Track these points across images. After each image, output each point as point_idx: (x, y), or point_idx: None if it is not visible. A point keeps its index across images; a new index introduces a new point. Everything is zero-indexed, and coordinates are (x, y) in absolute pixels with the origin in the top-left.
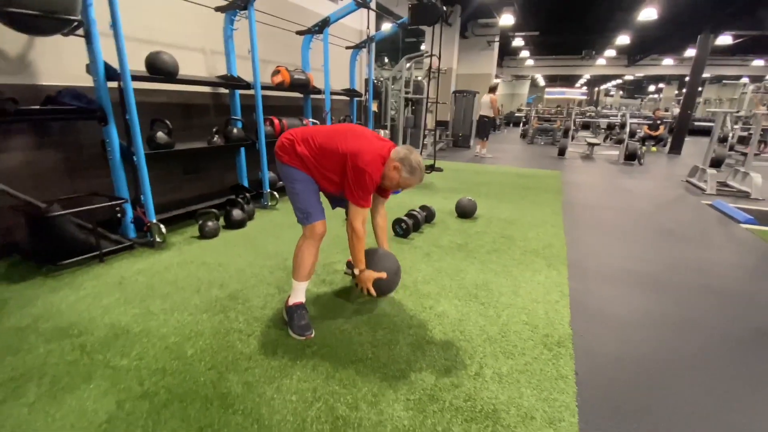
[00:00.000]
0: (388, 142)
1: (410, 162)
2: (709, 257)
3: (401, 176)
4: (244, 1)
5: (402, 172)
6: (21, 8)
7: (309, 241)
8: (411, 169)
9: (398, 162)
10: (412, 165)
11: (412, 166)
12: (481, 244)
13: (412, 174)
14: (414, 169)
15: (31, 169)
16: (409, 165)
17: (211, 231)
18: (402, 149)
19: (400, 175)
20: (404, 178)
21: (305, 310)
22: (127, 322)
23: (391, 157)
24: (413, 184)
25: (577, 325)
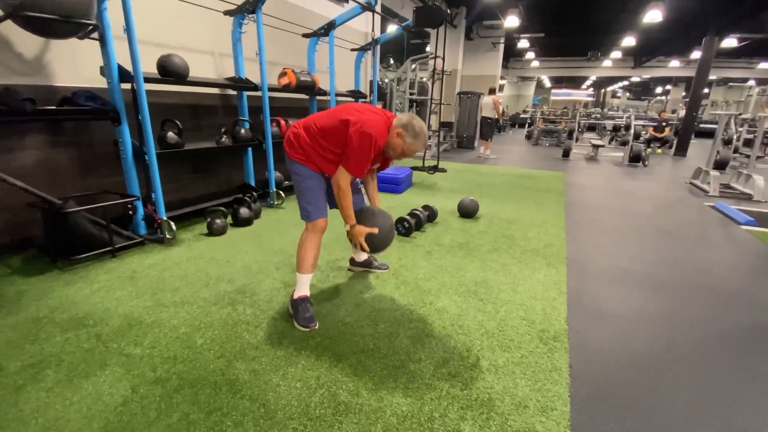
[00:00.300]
0: (389, 112)
1: (413, 127)
2: (708, 258)
3: (405, 142)
4: (253, 5)
5: (406, 138)
6: (37, 12)
7: (311, 235)
8: (415, 134)
9: (401, 128)
10: (416, 130)
11: (415, 131)
12: (482, 243)
13: (416, 138)
14: (418, 133)
15: (46, 167)
16: (412, 130)
17: (219, 228)
18: (404, 116)
19: (405, 141)
20: (408, 143)
21: (310, 303)
22: (139, 314)
23: (393, 125)
24: (418, 149)
25: (573, 322)
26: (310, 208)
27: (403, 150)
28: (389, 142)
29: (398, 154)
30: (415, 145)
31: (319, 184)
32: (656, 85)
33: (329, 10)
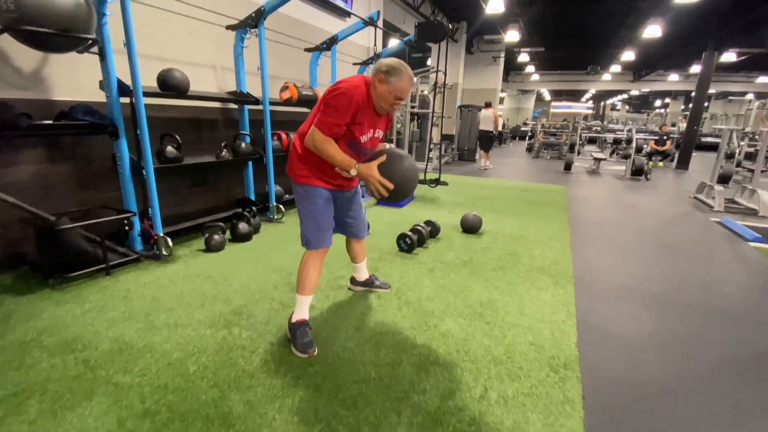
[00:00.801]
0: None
1: (392, 65)
2: (717, 276)
3: (390, 84)
4: (255, 20)
5: (390, 79)
6: (35, 26)
7: (313, 256)
8: (397, 71)
9: (381, 73)
10: (396, 67)
11: (393, 67)
12: (487, 260)
13: (400, 75)
14: (399, 70)
15: (42, 181)
16: (392, 69)
17: (217, 244)
18: (382, 61)
19: (390, 84)
20: (394, 84)
21: (308, 327)
22: (131, 337)
23: (372, 74)
24: (405, 86)
25: (583, 347)
26: (311, 236)
27: (392, 94)
28: (375, 94)
29: (390, 102)
30: (401, 83)
31: (325, 206)
32: (655, 98)
33: (331, 24)
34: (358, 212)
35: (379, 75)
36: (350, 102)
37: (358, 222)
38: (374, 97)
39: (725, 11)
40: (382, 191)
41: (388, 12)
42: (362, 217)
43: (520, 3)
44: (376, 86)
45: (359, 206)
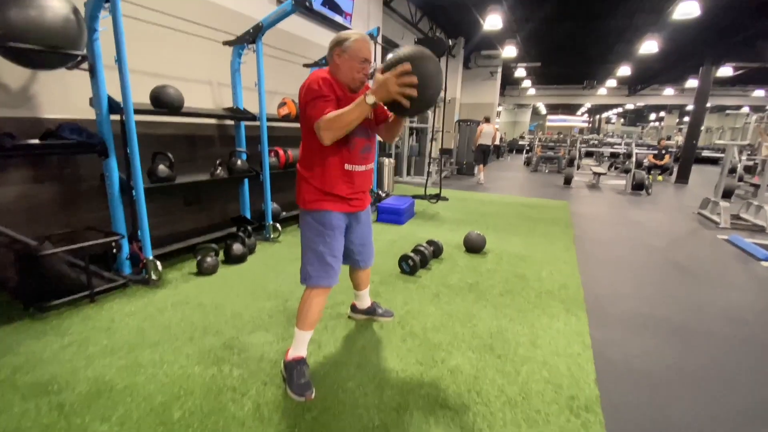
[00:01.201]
0: None
1: (336, 38)
2: (735, 301)
3: (348, 51)
4: (253, 35)
5: (344, 46)
6: (21, 43)
7: (315, 292)
8: (344, 38)
9: (336, 49)
10: (341, 36)
11: (341, 37)
12: (493, 284)
13: (350, 38)
14: (346, 35)
15: (26, 202)
16: (338, 39)
17: (209, 267)
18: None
19: (348, 51)
20: (350, 49)
21: (306, 366)
22: (111, 377)
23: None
24: (363, 45)
25: (604, 384)
26: (312, 272)
27: (355, 59)
28: (342, 71)
29: (357, 68)
30: (356, 44)
31: (334, 237)
32: (650, 111)
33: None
34: (368, 239)
35: (335, 50)
36: (320, 85)
37: (366, 250)
38: (342, 75)
39: (722, 27)
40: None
41: (387, 28)
42: (371, 243)
43: (518, 20)
44: (338, 63)
45: (370, 232)
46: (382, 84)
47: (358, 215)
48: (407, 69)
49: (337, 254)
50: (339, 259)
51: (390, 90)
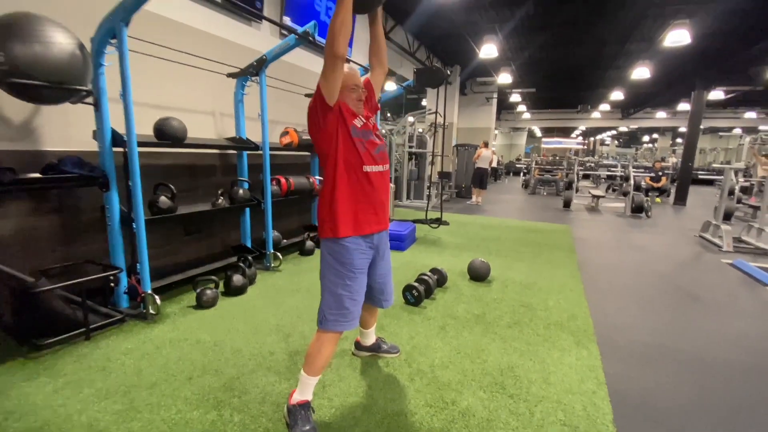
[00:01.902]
0: None
1: None
2: (748, 330)
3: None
4: (257, 68)
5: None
6: (26, 79)
7: (329, 335)
8: None
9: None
10: None
11: None
12: (500, 314)
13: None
14: None
15: (24, 236)
16: None
17: (209, 300)
18: None
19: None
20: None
21: (311, 411)
22: (105, 424)
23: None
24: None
25: (621, 424)
26: (328, 315)
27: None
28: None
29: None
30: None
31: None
32: (643, 134)
33: None
34: (390, 276)
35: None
36: None
37: (389, 288)
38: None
39: (712, 53)
40: None
41: None
42: (391, 281)
43: (513, 48)
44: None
45: (390, 268)
46: None
47: (381, 247)
48: None
49: (357, 297)
50: (360, 302)
51: None
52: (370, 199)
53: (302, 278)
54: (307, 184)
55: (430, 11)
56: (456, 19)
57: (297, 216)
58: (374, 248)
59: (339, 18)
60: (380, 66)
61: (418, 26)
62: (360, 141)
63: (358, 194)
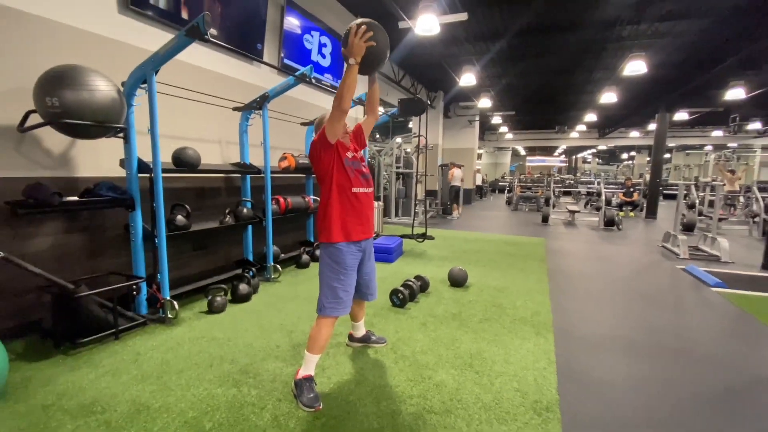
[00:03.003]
0: None
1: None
2: (683, 321)
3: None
4: (260, 103)
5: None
6: (77, 119)
7: (327, 320)
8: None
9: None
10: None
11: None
12: (474, 313)
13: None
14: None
15: (57, 251)
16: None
17: (219, 306)
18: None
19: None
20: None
21: (314, 383)
22: (146, 399)
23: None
24: None
25: (563, 390)
26: (326, 304)
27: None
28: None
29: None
30: None
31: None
32: (622, 151)
33: (322, 100)
34: (374, 273)
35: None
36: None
37: (373, 284)
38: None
39: (670, 79)
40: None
41: None
42: (375, 279)
43: (490, 76)
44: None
45: (374, 268)
46: (353, 46)
47: (368, 251)
48: (363, 29)
49: (349, 289)
50: (350, 293)
51: (360, 46)
52: (357, 213)
53: (300, 288)
54: (302, 203)
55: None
56: (436, 51)
57: (293, 232)
58: (362, 251)
59: (347, 82)
60: (372, 115)
61: (402, 57)
62: (350, 169)
63: (348, 210)
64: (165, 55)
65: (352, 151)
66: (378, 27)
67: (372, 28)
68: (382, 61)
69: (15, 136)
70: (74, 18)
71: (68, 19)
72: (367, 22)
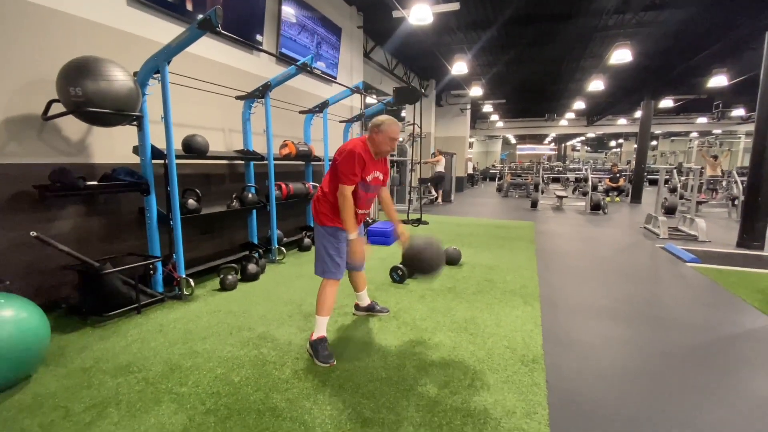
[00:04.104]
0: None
1: (379, 120)
2: (658, 292)
3: (383, 131)
4: (262, 92)
5: (382, 128)
6: (99, 108)
7: (330, 284)
8: (384, 123)
9: (373, 127)
10: (382, 120)
11: (382, 121)
12: (467, 286)
13: (388, 124)
14: (385, 121)
15: (77, 233)
16: (380, 122)
17: (231, 284)
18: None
19: (382, 131)
20: (386, 131)
21: (327, 342)
22: (177, 360)
23: (369, 133)
24: (395, 128)
25: (547, 347)
26: (330, 268)
27: (388, 137)
28: (375, 144)
29: (387, 144)
30: (390, 127)
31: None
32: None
33: (319, 89)
34: None
35: (374, 129)
36: (357, 157)
37: None
38: (374, 146)
39: (655, 67)
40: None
41: (366, 75)
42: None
43: (482, 65)
44: (374, 138)
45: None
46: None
47: None
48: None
49: (343, 256)
50: (344, 259)
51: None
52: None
53: (304, 268)
54: (303, 189)
55: (406, 33)
56: (428, 40)
57: (294, 218)
58: None
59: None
60: None
61: (395, 46)
62: (362, 189)
63: None
64: (177, 46)
65: (373, 174)
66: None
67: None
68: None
69: (37, 124)
70: (86, 10)
71: (80, 12)
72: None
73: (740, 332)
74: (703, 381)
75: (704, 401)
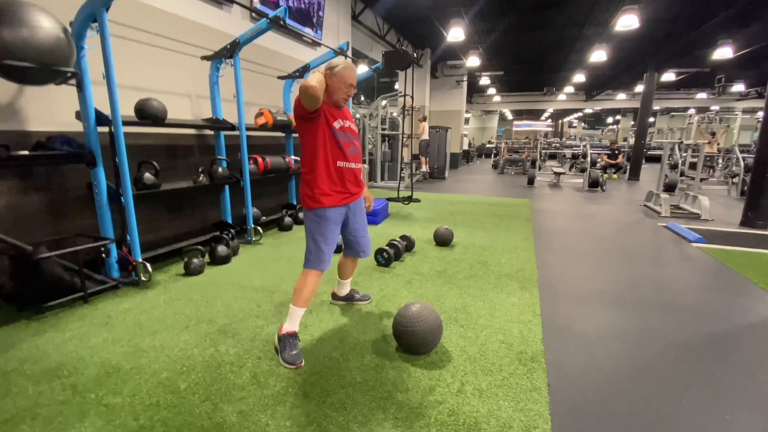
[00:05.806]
0: None
1: (332, 63)
2: (664, 275)
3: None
4: (230, 51)
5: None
6: (17, 61)
7: (311, 273)
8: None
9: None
10: (335, 62)
11: (335, 63)
12: (459, 270)
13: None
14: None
15: (14, 212)
16: (334, 65)
17: (196, 268)
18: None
19: (337, 76)
20: (340, 73)
21: (297, 339)
22: (117, 361)
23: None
24: (350, 72)
25: (548, 342)
26: (310, 257)
27: (343, 83)
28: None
29: (344, 90)
30: (345, 71)
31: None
32: (607, 115)
33: (302, 53)
34: (365, 228)
35: (327, 73)
36: None
37: (365, 240)
38: (330, 92)
39: (661, 37)
40: None
41: (356, 40)
42: (368, 234)
43: (479, 32)
44: (328, 83)
45: (365, 222)
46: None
47: (352, 207)
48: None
49: (330, 243)
50: (332, 247)
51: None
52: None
53: (282, 250)
54: (283, 163)
55: None
56: (423, 3)
57: (275, 195)
58: (347, 210)
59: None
60: None
61: (387, 9)
62: (336, 138)
63: (331, 182)
64: None
65: (340, 122)
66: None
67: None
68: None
69: None
70: None
71: None
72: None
73: (758, 321)
74: (724, 380)
75: (729, 404)
